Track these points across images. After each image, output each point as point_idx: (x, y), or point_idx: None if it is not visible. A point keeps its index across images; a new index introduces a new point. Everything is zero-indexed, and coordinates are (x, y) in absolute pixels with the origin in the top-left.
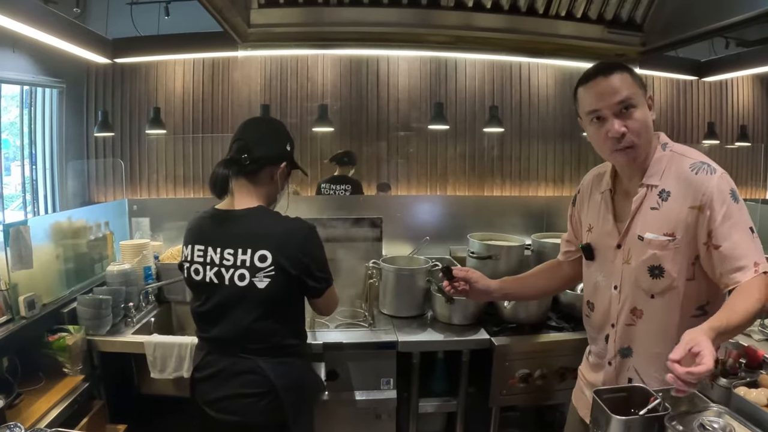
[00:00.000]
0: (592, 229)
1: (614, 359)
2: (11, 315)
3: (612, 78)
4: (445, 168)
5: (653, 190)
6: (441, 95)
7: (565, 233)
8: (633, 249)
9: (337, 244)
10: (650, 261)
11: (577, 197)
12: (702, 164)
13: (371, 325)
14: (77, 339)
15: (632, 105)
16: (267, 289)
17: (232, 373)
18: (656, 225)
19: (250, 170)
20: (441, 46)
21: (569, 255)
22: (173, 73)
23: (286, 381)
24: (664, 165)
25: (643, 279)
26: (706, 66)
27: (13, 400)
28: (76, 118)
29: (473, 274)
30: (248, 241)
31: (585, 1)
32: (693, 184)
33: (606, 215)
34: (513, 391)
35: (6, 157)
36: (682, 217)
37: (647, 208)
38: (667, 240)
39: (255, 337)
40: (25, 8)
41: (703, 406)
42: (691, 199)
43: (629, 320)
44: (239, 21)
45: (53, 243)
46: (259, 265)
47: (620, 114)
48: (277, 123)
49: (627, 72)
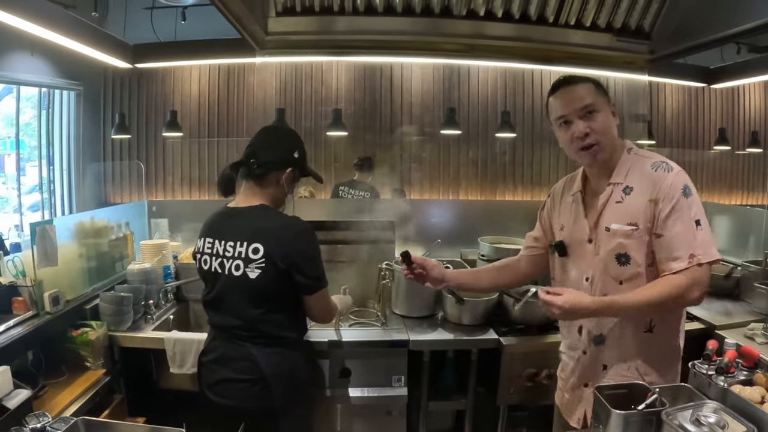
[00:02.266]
0: (564, 228)
1: (588, 348)
2: (36, 310)
3: (577, 88)
4: (458, 172)
5: (618, 186)
6: (454, 100)
7: (532, 231)
8: (601, 240)
9: (351, 246)
10: (617, 249)
11: (547, 202)
12: (661, 163)
13: (383, 324)
14: (99, 334)
15: (595, 110)
16: (258, 280)
17: (229, 359)
18: (620, 216)
19: (257, 174)
20: (453, 54)
21: (532, 251)
22: (189, 77)
23: (276, 370)
24: (628, 166)
25: (612, 266)
26: (715, 73)
27: (38, 391)
28: (94, 120)
29: (429, 262)
30: (246, 234)
31: (594, 10)
32: (652, 180)
33: (578, 214)
34: (520, 390)
35: (23, 158)
36: (642, 208)
37: (613, 203)
38: (630, 229)
39: (247, 325)
40: (46, 12)
41: (700, 402)
42: (649, 193)
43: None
44: (257, 29)
45: (77, 242)
46: (252, 257)
47: (584, 117)
48: (287, 131)
49: (591, 83)
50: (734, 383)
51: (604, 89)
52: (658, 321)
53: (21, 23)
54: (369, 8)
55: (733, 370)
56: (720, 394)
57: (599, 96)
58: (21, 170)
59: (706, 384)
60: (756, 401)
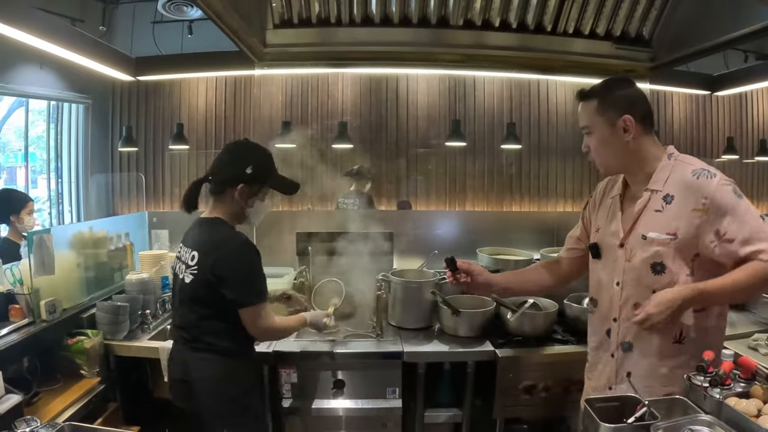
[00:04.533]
0: (599, 230)
1: (617, 352)
2: (32, 318)
3: (582, 106)
4: (464, 184)
5: (657, 194)
6: (459, 112)
7: (572, 231)
8: (635, 248)
9: (350, 258)
10: (653, 258)
11: (590, 201)
12: (703, 170)
13: (379, 336)
14: (95, 343)
15: (589, 132)
16: (190, 284)
17: (174, 359)
18: (660, 225)
19: (215, 191)
20: (453, 65)
21: (572, 252)
22: (196, 89)
23: (201, 375)
24: (667, 173)
25: (645, 275)
26: (718, 80)
27: (32, 397)
28: (102, 133)
29: (476, 267)
30: (193, 243)
31: (592, 18)
32: (694, 188)
33: (614, 217)
34: (517, 403)
35: (32, 170)
36: (685, 218)
37: (651, 211)
38: (668, 238)
39: (186, 328)
40: (53, 29)
41: (692, 416)
42: (693, 202)
43: (632, 315)
44: (255, 42)
45: (75, 251)
46: (190, 263)
47: (585, 135)
48: (243, 148)
49: (594, 101)
50: (730, 395)
51: (608, 104)
52: (688, 332)
53: (24, 37)
54: (366, 19)
55: (729, 382)
56: (715, 407)
57: (597, 116)
58: (33, 182)
59: (702, 396)
60: (751, 414)
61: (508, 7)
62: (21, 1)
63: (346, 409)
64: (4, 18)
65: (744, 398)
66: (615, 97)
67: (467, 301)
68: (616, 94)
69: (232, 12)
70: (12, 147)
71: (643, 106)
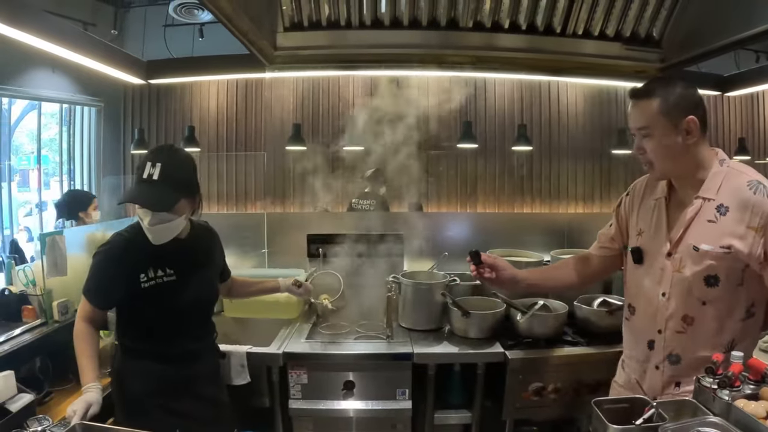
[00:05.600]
0: (642, 234)
1: (662, 364)
2: (45, 318)
3: (638, 105)
4: (475, 186)
5: (710, 203)
6: (470, 114)
7: (605, 229)
8: (686, 258)
9: (361, 259)
10: (707, 271)
11: (625, 200)
12: (758, 184)
13: (389, 337)
14: (106, 343)
15: (648, 134)
16: None
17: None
18: (713, 237)
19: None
20: (463, 67)
21: (605, 251)
22: (207, 92)
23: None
24: (720, 180)
25: (698, 287)
26: (729, 81)
27: (44, 397)
28: (114, 135)
29: (501, 262)
30: None
31: (602, 19)
32: (750, 204)
33: (659, 223)
34: (526, 405)
35: (45, 173)
36: (740, 233)
37: (704, 221)
38: (723, 252)
39: None
40: (64, 33)
41: (701, 418)
42: (749, 219)
43: (680, 327)
44: (266, 44)
45: (87, 253)
46: None
47: (641, 137)
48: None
49: (656, 100)
50: (739, 397)
51: (673, 104)
52: (739, 340)
53: (36, 41)
54: (376, 22)
55: (738, 384)
56: (724, 409)
57: (660, 117)
58: (46, 185)
59: (711, 398)
60: (760, 417)
61: (517, 9)
62: (33, 6)
63: (355, 410)
64: (16, 23)
65: (753, 400)
66: (679, 96)
67: (477, 302)
68: (680, 94)
69: (242, 15)
70: (25, 150)
71: (702, 107)
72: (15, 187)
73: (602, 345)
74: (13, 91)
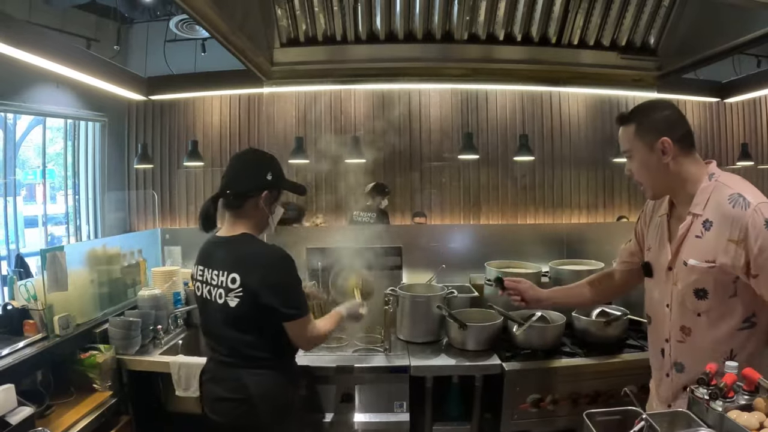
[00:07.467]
0: (650, 249)
1: (671, 372)
2: (46, 333)
3: (622, 130)
4: (478, 197)
5: (698, 218)
6: (471, 125)
7: (628, 245)
8: (680, 272)
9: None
10: (695, 284)
11: (642, 216)
12: (739, 197)
13: (386, 350)
14: (107, 357)
15: (630, 157)
16: (237, 308)
17: (220, 379)
18: (700, 253)
19: (235, 204)
20: (461, 79)
21: (626, 265)
22: (210, 107)
23: (259, 390)
24: (708, 195)
25: (690, 300)
26: (727, 87)
27: (45, 410)
28: (118, 150)
29: (523, 284)
30: (226, 264)
31: (597, 29)
32: (730, 218)
33: (662, 239)
34: (524, 416)
35: (51, 186)
36: (721, 247)
37: (692, 236)
38: (707, 267)
39: (230, 349)
40: (66, 53)
41: (694, 430)
42: (729, 233)
43: (680, 337)
44: (262, 60)
45: (88, 268)
46: (231, 287)
47: (627, 159)
48: (255, 155)
49: (632, 125)
50: (733, 408)
51: (646, 127)
52: (739, 350)
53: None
54: (371, 36)
55: (732, 395)
56: (717, 420)
57: (636, 140)
58: (52, 198)
59: (704, 409)
60: (753, 428)
61: (512, 21)
62: (36, 26)
63: (353, 423)
64: (18, 43)
65: (747, 411)
66: (652, 119)
67: (475, 314)
68: (653, 117)
69: (238, 33)
70: (31, 164)
71: (680, 126)
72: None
73: (601, 356)
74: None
